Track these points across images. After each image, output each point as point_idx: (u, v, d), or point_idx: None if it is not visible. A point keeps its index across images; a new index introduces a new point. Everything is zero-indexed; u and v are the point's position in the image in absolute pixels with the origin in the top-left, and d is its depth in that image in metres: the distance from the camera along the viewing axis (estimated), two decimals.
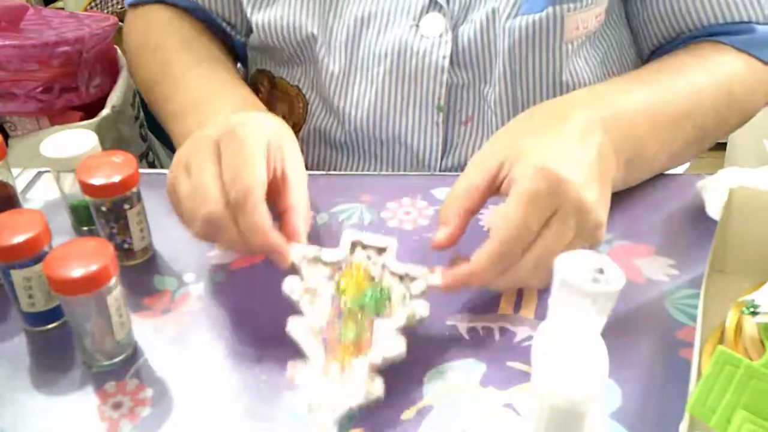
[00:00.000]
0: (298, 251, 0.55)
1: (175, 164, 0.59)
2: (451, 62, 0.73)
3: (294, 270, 0.55)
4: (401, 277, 0.55)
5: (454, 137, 0.76)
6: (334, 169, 0.80)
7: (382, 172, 0.77)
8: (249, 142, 0.56)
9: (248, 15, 0.78)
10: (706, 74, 0.70)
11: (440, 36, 0.72)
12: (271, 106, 0.83)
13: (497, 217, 0.53)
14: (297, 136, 0.78)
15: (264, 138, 0.58)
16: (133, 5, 0.86)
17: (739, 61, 0.72)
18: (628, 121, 0.63)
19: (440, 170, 0.76)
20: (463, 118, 0.75)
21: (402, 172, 0.76)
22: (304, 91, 0.80)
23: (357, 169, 0.79)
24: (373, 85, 0.75)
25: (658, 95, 0.67)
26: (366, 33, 0.74)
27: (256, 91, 0.83)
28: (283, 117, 0.82)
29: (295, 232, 0.56)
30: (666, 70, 0.71)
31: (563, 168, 0.53)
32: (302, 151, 0.78)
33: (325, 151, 0.80)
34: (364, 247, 0.57)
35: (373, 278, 0.55)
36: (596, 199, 0.54)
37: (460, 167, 0.76)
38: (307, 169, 0.81)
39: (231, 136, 0.57)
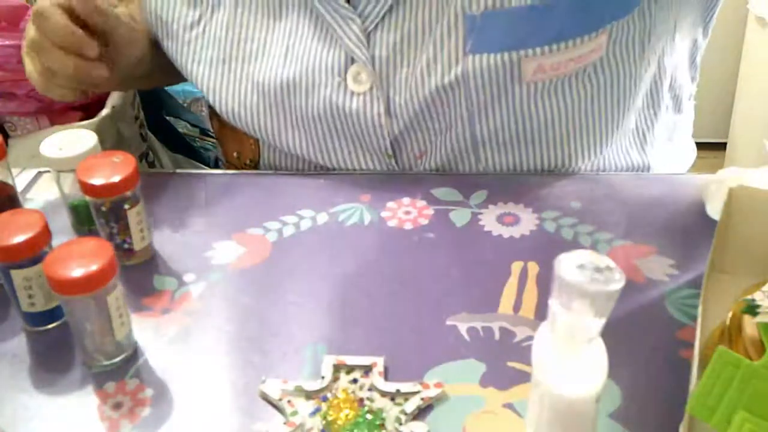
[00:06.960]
0: (276, 387, 0.52)
1: None
2: (389, 114, 0.70)
3: (276, 407, 0.52)
4: (393, 397, 0.51)
5: (411, 167, 0.75)
6: None
7: (382, 172, 0.77)
8: None
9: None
10: None
11: (370, 90, 0.69)
12: (222, 144, 0.83)
13: None
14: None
15: None
16: None
17: None
18: None
19: None
20: (416, 152, 0.74)
21: (402, 172, 0.76)
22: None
23: None
24: (314, 144, 0.74)
25: None
26: (294, 95, 0.71)
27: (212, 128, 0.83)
28: (237, 154, 0.81)
29: None
30: None
31: None
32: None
33: None
34: (349, 369, 0.54)
35: (362, 402, 0.51)
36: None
37: None
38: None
39: None
